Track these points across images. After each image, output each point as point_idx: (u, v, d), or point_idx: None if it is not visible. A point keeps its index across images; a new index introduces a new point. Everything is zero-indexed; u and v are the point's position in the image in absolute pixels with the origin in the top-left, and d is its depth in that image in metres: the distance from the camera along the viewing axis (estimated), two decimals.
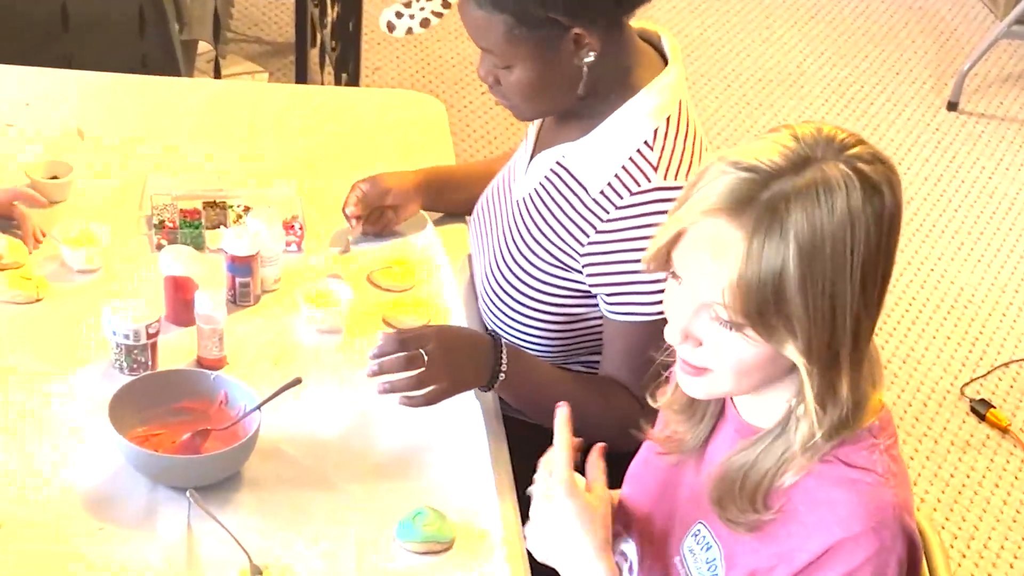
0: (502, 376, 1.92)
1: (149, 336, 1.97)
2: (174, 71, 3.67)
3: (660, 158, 1.89)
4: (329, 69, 4.19)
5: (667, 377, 1.62)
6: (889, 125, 4.64)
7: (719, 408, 1.58)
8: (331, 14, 4.13)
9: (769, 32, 5.17)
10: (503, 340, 1.95)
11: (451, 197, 2.37)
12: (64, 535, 1.75)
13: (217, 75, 3.82)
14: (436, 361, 1.86)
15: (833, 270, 1.36)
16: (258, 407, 1.86)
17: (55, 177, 2.33)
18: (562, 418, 1.59)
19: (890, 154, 1.67)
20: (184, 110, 2.70)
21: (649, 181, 1.88)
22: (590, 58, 1.89)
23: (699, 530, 1.56)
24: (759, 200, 1.35)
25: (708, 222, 1.38)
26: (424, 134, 2.71)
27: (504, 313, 2.04)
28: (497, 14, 1.85)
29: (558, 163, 1.99)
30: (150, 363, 1.99)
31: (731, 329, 1.40)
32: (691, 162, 1.91)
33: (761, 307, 1.37)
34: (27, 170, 2.32)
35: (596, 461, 1.64)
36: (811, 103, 4.73)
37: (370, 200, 2.29)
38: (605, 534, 1.55)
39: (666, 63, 1.97)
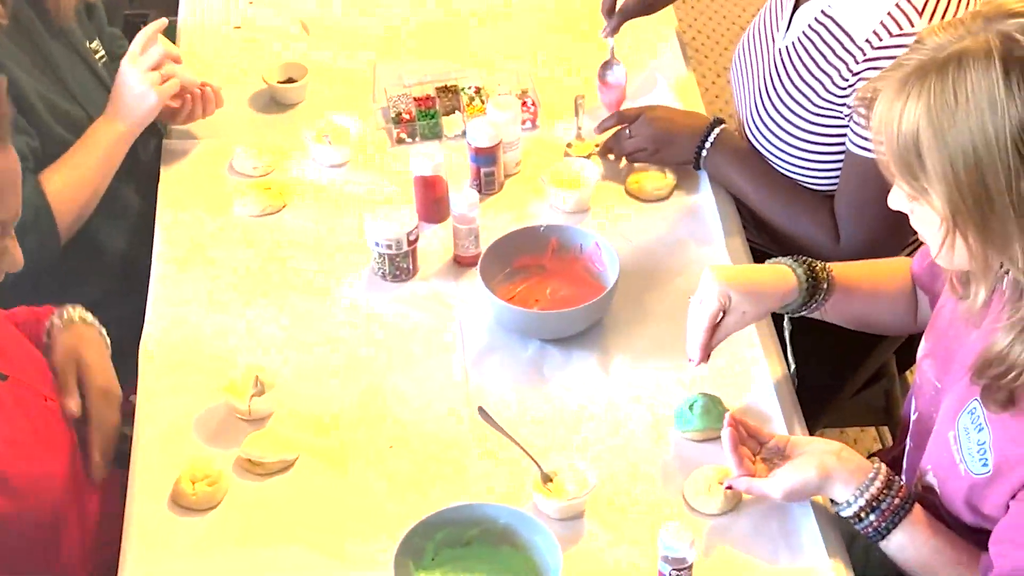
0: (704, 154, 2.11)
1: (410, 243, 1.99)
2: None
3: (926, 5, 1.86)
4: None
5: None
6: None
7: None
8: None
9: None
10: (721, 127, 2.09)
11: None
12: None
13: None
14: (645, 123, 2.14)
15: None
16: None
17: (291, 80, 2.33)
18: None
19: None
20: None
21: (912, 26, 1.85)
22: None
23: (974, 408, 1.53)
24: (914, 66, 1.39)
25: (885, 90, 1.42)
26: None
27: (766, 151, 2.09)
28: None
29: (823, 12, 1.99)
30: (411, 268, 2.03)
31: (908, 200, 1.46)
32: (956, 12, 1.86)
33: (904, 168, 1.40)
34: (264, 76, 2.33)
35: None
36: None
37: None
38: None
39: None
